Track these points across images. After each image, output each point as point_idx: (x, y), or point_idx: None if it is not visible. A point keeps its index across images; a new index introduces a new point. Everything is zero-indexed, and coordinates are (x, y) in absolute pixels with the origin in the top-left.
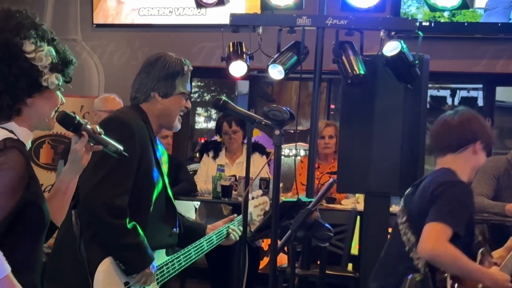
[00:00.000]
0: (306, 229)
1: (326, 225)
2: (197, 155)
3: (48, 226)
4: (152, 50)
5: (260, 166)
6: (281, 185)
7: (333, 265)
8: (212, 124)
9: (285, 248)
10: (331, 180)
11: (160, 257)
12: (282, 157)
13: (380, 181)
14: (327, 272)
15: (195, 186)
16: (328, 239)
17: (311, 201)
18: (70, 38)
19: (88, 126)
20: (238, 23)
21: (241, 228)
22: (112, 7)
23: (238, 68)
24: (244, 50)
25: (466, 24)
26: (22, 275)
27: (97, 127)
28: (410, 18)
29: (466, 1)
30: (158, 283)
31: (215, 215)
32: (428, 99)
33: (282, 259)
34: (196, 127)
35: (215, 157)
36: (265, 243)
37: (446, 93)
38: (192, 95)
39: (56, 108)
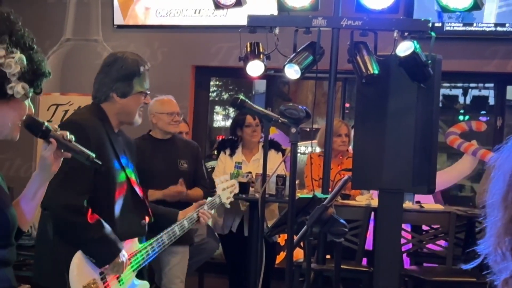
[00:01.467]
0: (322, 225)
1: (341, 220)
2: (215, 152)
3: (15, 230)
4: (171, 50)
5: (276, 163)
6: (297, 181)
7: (348, 259)
8: (230, 122)
9: (301, 243)
10: (346, 177)
11: (132, 245)
12: (298, 154)
13: (394, 177)
14: (342, 266)
15: (212, 182)
16: (343, 235)
17: (326, 198)
18: (91, 38)
19: (58, 133)
20: (255, 24)
21: (211, 212)
22: (133, 9)
23: (255, 68)
24: (261, 50)
25: (477, 25)
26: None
27: (68, 133)
28: (422, 19)
29: (477, 3)
30: (133, 270)
31: (232, 211)
32: (440, 98)
33: (298, 254)
34: (214, 125)
35: (231, 154)
36: (281, 238)
37: (458, 92)
38: (210, 94)
39: (23, 117)
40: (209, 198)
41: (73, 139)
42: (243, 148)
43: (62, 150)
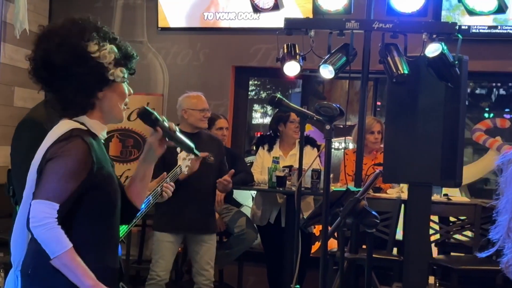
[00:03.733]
0: (355, 216)
1: (373, 212)
2: (254, 148)
3: (119, 209)
4: (213, 51)
5: (311, 158)
6: (331, 175)
7: (379, 249)
8: (267, 120)
9: (335, 234)
10: (377, 171)
11: None
12: (332, 150)
13: (423, 172)
14: (373, 255)
15: (252, 176)
16: (375, 225)
17: (359, 191)
18: (137, 40)
19: (166, 123)
20: (292, 26)
21: (172, 184)
22: (176, 12)
23: (291, 68)
24: (297, 51)
25: (501, 27)
26: (89, 252)
27: (173, 125)
28: (450, 22)
29: (502, 6)
30: None
31: (270, 203)
32: (467, 96)
33: (333, 244)
34: (253, 122)
35: (269, 150)
36: (316, 229)
37: (483, 91)
38: (249, 93)
39: (125, 100)
40: (170, 172)
41: (177, 130)
42: (281, 144)
43: (167, 139)
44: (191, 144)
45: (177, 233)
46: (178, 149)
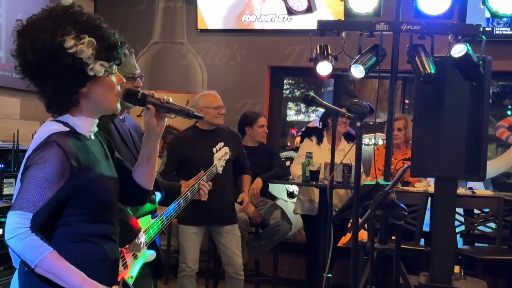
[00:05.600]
0: (384, 209)
1: (401, 205)
2: (288, 144)
3: (111, 204)
4: (249, 52)
5: (353, 153)
6: (361, 170)
7: (407, 240)
8: (301, 117)
9: (366, 225)
10: (405, 166)
11: (146, 221)
12: (363, 145)
13: (448, 166)
14: (402, 246)
15: (287, 171)
16: (403, 217)
17: (388, 184)
18: (177, 41)
19: (155, 97)
20: (325, 28)
21: (210, 183)
22: (214, 14)
23: (324, 68)
24: (329, 52)
25: None
26: (83, 245)
27: (165, 96)
28: (474, 24)
29: None
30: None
31: (307, 195)
32: (490, 94)
33: (363, 235)
34: (287, 119)
35: (319, 142)
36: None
37: (506, 89)
38: (284, 91)
39: (116, 89)
40: (207, 170)
41: (170, 99)
42: (328, 137)
43: (164, 111)
44: (190, 109)
45: (200, 225)
46: (214, 150)
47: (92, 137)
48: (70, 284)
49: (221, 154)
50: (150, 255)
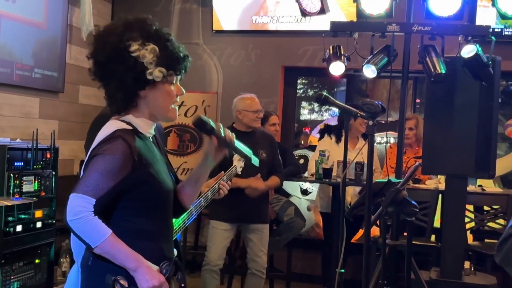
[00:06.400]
0: (396, 205)
1: (413, 202)
2: (302, 142)
3: (170, 202)
4: (263, 52)
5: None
6: (373, 167)
7: (418, 236)
8: (315, 116)
9: (378, 222)
10: (416, 163)
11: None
12: (375, 144)
13: (459, 164)
14: (413, 242)
15: (300, 169)
16: (414, 214)
17: (399, 182)
18: (193, 42)
19: (222, 132)
20: (337, 29)
21: (229, 183)
22: (229, 16)
23: (337, 68)
24: (342, 52)
25: None
26: (142, 242)
27: (230, 132)
28: (484, 25)
29: None
30: None
31: (326, 193)
32: (500, 94)
33: (375, 231)
34: (301, 118)
35: (338, 141)
36: None
37: None
38: (297, 91)
39: (173, 99)
40: (227, 171)
41: (234, 137)
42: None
43: (223, 147)
44: (248, 154)
45: (232, 223)
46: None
47: (151, 139)
48: (127, 265)
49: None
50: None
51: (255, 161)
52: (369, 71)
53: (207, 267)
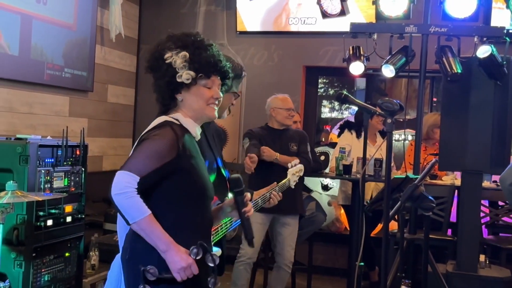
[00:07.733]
0: (413, 201)
1: (430, 197)
2: (323, 139)
3: (208, 198)
4: (286, 53)
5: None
6: (392, 164)
7: (435, 230)
8: (335, 114)
9: (396, 217)
10: (433, 160)
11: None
12: (393, 141)
13: (474, 161)
14: (430, 236)
15: (321, 165)
16: (431, 209)
17: (417, 178)
18: (218, 43)
19: (247, 198)
20: (357, 30)
21: (281, 194)
22: (253, 17)
23: (356, 68)
24: (361, 53)
25: None
26: (177, 232)
27: (250, 206)
28: (499, 27)
29: None
30: (214, 241)
31: (347, 187)
32: None
33: (393, 226)
34: (321, 116)
35: (358, 136)
36: None
37: None
38: (318, 90)
39: (208, 100)
40: (281, 182)
41: (251, 213)
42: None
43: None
44: (251, 234)
45: (266, 214)
46: (289, 165)
47: (195, 141)
48: (159, 247)
49: (295, 170)
50: (216, 252)
51: (252, 244)
52: (388, 71)
53: (242, 259)
